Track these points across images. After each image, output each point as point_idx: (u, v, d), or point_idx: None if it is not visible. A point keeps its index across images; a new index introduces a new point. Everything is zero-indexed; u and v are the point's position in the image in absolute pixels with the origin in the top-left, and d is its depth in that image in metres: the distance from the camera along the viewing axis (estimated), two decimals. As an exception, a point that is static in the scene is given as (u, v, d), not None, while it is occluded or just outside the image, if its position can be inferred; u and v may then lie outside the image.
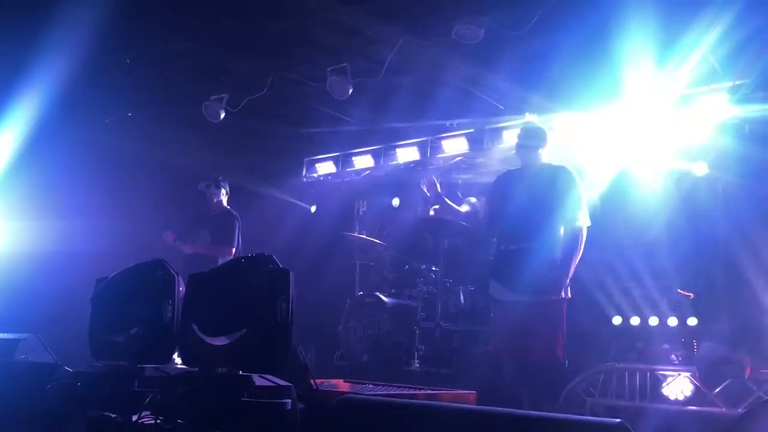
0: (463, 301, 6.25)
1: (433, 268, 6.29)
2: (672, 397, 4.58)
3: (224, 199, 6.54)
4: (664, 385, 4.65)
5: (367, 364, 6.09)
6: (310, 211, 8.49)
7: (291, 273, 2.37)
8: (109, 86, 6.56)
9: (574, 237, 4.20)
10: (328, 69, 6.14)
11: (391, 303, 6.29)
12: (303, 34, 5.81)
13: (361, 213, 7.95)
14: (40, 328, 4.30)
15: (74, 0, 5.18)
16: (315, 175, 8.38)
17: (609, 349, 5.47)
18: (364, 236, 6.85)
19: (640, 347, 5.33)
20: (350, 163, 8.06)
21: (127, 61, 6.39)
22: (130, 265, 2.92)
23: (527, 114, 6.29)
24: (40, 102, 6.09)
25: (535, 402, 4.06)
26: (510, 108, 6.68)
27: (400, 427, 1.97)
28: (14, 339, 4.00)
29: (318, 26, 5.69)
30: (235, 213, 6.47)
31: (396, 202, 7.79)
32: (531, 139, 4.45)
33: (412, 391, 3.28)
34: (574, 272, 4.28)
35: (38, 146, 6.40)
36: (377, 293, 6.51)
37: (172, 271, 2.73)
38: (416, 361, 5.96)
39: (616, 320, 5.57)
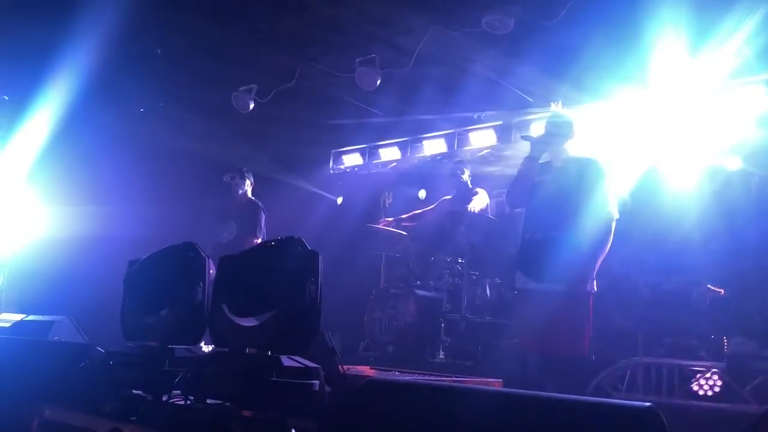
0: (489, 293, 6.23)
1: (459, 260, 6.28)
2: (701, 393, 4.50)
3: (249, 190, 6.60)
4: (693, 380, 4.58)
5: (391, 355, 6.11)
6: (336, 202, 8.52)
7: (320, 256, 2.38)
8: (141, 76, 6.64)
9: (601, 229, 4.16)
10: (357, 60, 6.15)
11: (416, 294, 6.30)
12: (332, 24, 5.82)
13: (387, 205, 7.95)
14: (72, 311, 4.38)
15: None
16: (342, 166, 8.41)
17: (637, 343, 5.40)
18: (389, 228, 6.86)
19: (668, 342, 5.25)
20: (377, 155, 8.07)
21: (158, 51, 6.47)
22: (162, 247, 2.96)
23: (552, 103, 6.25)
24: (74, 91, 6.19)
25: (560, 396, 4.03)
26: (538, 100, 6.62)
27: (427, 409, 1.97)
28: (48, 321, 4.09)
29: (347, 17, 5.69)
30: (260, 204, 6.53)
31: (422, 194, 7.79)
32: (558, 131, 4.40)
33: (437, 379, 3.28)
34: (603, 266, 4.24)
35: (72, 134, 6.52)
36: (403, 284, 6.52)
37: (203, 253, 2.76)
38: (441, 352, 5.96)
39: (645, 315, 5.50)
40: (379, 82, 6.15)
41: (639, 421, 1.61)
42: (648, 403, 1.62)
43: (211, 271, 2.76)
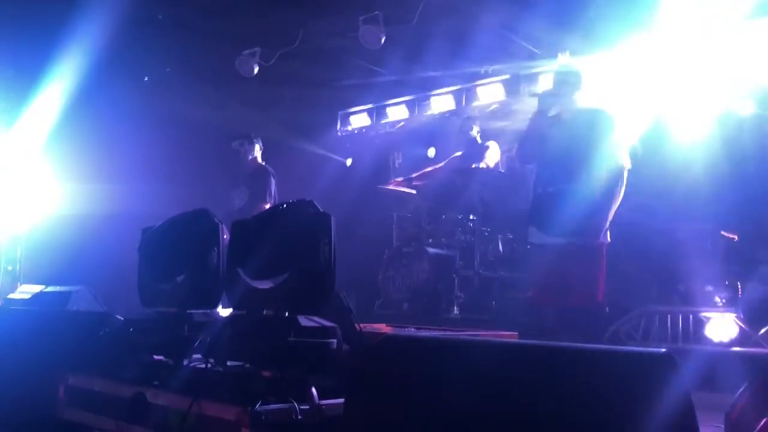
0: (501, 248, 6.25)
1: (471, 217, 6.28)
2: (716, 339, 4.53)
3: (258, 156, 6.57)
4: (707, 326, 4.61)
5: (406, 313, 6.17)
6: (345, 164, 8.50)
7: (332, 217, 2.39)
8: (143, 44, 6.59)
9: (613, 180, 4.13)
10: (360, 18, 6.06)
11: (429, 252, 6.32)
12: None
13: (396, 165, 7.93)
14: (90, 281, 4.44)
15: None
16: (349, 128, 8.36)
17: (650, 292, 5.41)
18: (399, 188, 6.84)
19: (682, 290, 5.26)
20: (384, 115, 8.01)
21: (159, 17, 6.40)
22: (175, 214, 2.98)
23: (560, 55, 6.15)
24: (81, 63, 6.15)
25: (575, 347, 4.06)
26: (546, 51, 6.52)
27: (444, 362, 2.00)
28: (67, 291, 4.15)
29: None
30: (269, 168, 6.51)
31: (432, 152, 7.74)
32: (566, 82, 4.34)
33: (453, 333, 3.32)
34: (615, 215, 4.22)
35: (81, 107, 6.50)
36: (415, 243, 6.55)
37: (216, 219, 2.77)
38: (455, 308, 6.01)
39: (657, 263, 5.50)
40: (383, 39, 6.07)
41: (655, 366, 1.62)
42: (663, 349, 1.63)
43: (225, 236, 2.78)
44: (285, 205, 2.57)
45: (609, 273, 4.27)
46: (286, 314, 2.37)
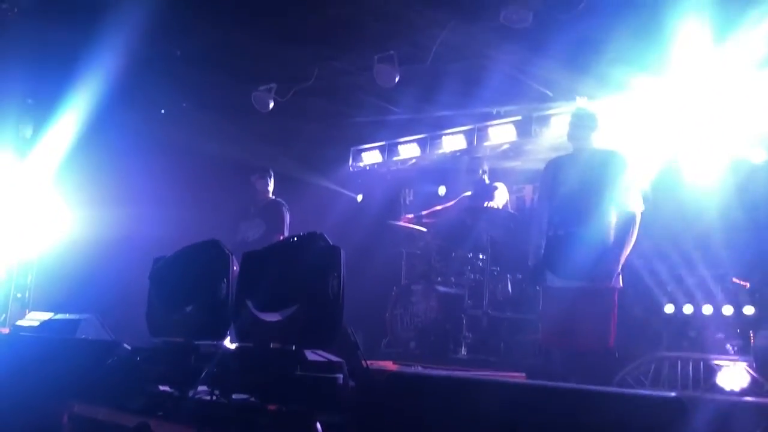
0: (510, 289, 6.21)
1: (480, 256, 6.27)
2: (727, 388, 4.45)
3: (270, 189, 6.65)
4: (718, 374, 4.53)
5: (413, 352, 6.11)
6: (356, 199, 8.54)
7: (342, 250, 2.40)
8: (162, 77, 6.71)
9: (626, 222, 4.13)
10: (375, 57, 6.15)
11: (437, 290, 6.29)
12: (350, 22, 5.83)
13: (407, 202, 7.96)
14: (99, 309, 4.45)
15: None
16: (361, 164, 8.42)
17: (661, 338, 5.36)
18: (409, 225, 6.85)
19: (693, 336, 5.21)
20: (396, 152, 8.08)
21: (178, 52, 6.54)
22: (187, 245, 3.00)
23: (578, 98, 6.21)
24: (98, 94, 6.28)
25: (584, 391, 4.01)
26: (559, 94, 6.59)
27: (450, 401, 1.98)
28: (75, 319, 4.16)
29: (365, 14, 5.70)
30: (283, 202, 6.57)
31: (442, 190, 7.77)
32: (582, 123, 4.38)
33: (460, 373, 3.29)
34: (627, 260, 4.21)
35: (96, 137, 6.61)
36: (424, 281, 6.52)
37: (226, 250, 2.79)
38: (463, 348, 5.95)
39: (669, 309, 5.45)
40: (397, 78, 6.15)
41: (664, 410, 1.61)
42: (673, 393, 1.62)
43: (235, 268, 2.79)
44: (296, 238, 2.59)
45: (620, 317, 4.23)
46: (293, 348, 2.37)
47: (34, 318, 4.50)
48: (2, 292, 6.70)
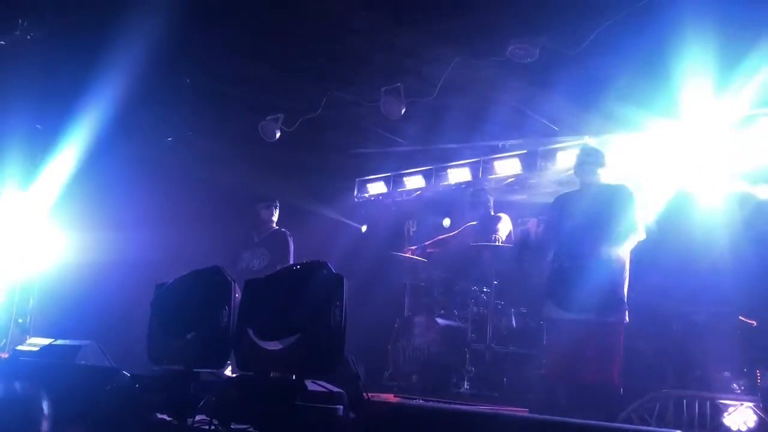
0: (514, 323, 6.15)
1: (484, 289, 6.23)
2: (734, 428, 4.37)
3: (275, 219, 6.68)
4: (725, 414, 4.45)
5: (416, 385, 6.04)
6: (360, 230, 8.54)
7: (344, 279, 2.39)
8: (169, 106, 6.78)
9: (628, 254, 4.13)
10: (382, 89, 6.21)
11: (440, 323, 6.24)
12: (358, 55, 5.90)
13: (411, 233, 7.95)
14: (99, 335, 4.43)
15: (135, 22, 5.41)
16: (366, 195, 8.44)
17: (666, 375, 5.28)
18: (412, 256, 6.84)
19: (699, 375, 5.12)
20: (401, 184, 8.10)
21: (187, 80, 6.61)
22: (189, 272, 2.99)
23: (586, 137, 6.26)
24: (103, 120, 6.34)
25: (588, 427, 3.95)
26: (564, 129, 6.62)
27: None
28: (75, 345, 4.13)
29: (373, 47, 5.77)
30: (287, 232, 6.58)
31: (447, 222, 7.77)
32: (589, 159, 4.43)
33: (462, 407, 3.24)
34: (632, 296, 4.19)
35: (102, 162, 6.65)
36: (427, 313, 6.48)
37: (228, 277, 2.78)
38: (466, 382, 5.88)
39: (674, 346, 5.38)
40: (404, 110, 6.20)
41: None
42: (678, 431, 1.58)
43: (237, 295, 2.77)
44: (298, 266, 2.58)
45: (625, 354, 4.19)
46: (294, 377, 2.34)
47: (34, 343, 4.47)
48: (3, 317, 6.68)
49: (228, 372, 2.76)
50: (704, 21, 4.66)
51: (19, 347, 4.59)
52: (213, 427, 2.50)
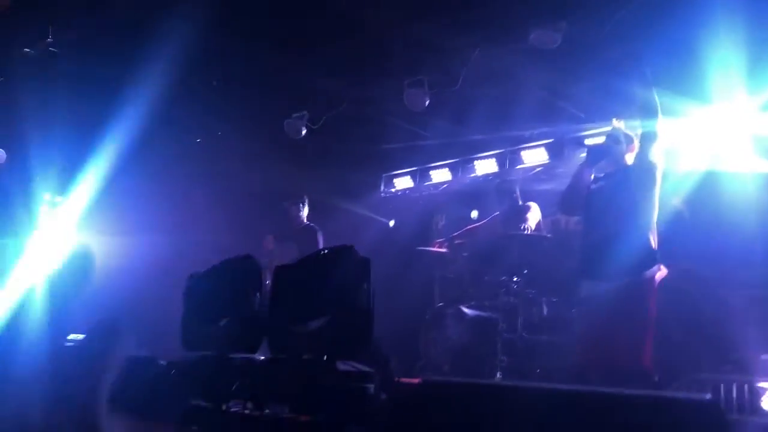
0: (546, 311, 6.12)
1: (514, 279, 6.20)
2: (772, 411, 4.30)
3: (304, 215, 6.74)
4: (763, 398, 4.39)
5: (448, 376, 6.04)
6: (388, 225, 8.57)
7: (371, 262, 2.42)
8: (199, 107, 6.90)
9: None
10: (405, 82, 6.23)
11: (471, 314, 6.23)
12: (380, 49, 5.94)
13: (439, 226, 7.95)
14: (135, 326, 4.53)
15: (163, 26, 5.52)
16: (393, 190, 8.47)
17: (701, 360, 5.20)
18: (441, 249, 6.84)
19: (735, 358, 5.04)
20: (428, 177, 8.11)
21: (214, 82, 6.72)
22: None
23: (614, 120, 6.18)
24: (133, 122, 6.47)
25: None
26: (591, 115, 6.56)
27: (481, 408, 1.96)
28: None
29: (395, 41, 5.80)
30: (317, 227, 6.65)
31: (475, 214, 7.75)
32: (617, 143, 4.40)
33: (496, 382, 3.25)
34: (664, 281, 4.16)
35: (133, 165, 6.79)
36: (457, 305, 6.47)
37: (259, 265, 2.84)
38: (498, 372, 5.86)
39: (708, 330, 5.30)
40: (427, 102, 6.21)
41: (700, 414, 1.57)
42: (708, 395, 1.58)
43: (267, 282, 2.83)
44: (326, 251, 2.62)
45: (658, 339, 4.15)
46: (325, 358, 2.38)
47: (71, 339, 4.59)
48: (40, 318, 6.85)
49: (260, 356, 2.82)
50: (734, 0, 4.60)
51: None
52: (247, 411, 2.56)
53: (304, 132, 7.00)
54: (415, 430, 2.11)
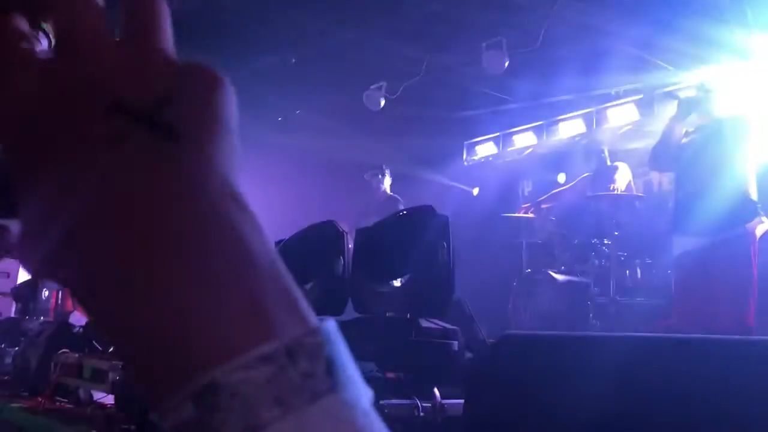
0: (639, 274, 5.92)
1: (605, 241, 6.01)
2: None
3: (388, 186, 6.77)
4: None
5: (538, 341, 5.96)
6: (472, 193, 8.49)
7: (449, 219, 2.41)
8: (277, 86, 7.04)
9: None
10: (483, 44, 6.11)
11: (561, 279, 6.10)
12: (456, 13, 5.84)
13: (526, 192, 7.80)
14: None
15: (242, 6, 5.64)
16: (475, 157, 8.37)
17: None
18: (528, 215, 6.71)
19: None
20: (511, 143, 7.95)
21: (293, 60, 6.83)
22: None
23: (703, 73, 5.85)
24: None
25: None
26: (680, 68, 6.22)
27: (568, 359, 1.92)
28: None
29: (470, 4, 5.69)
30: (399, 198, 6.67)
31: (562, 177, 7.55)
32: (706, 94, 4.18)
33: (590, 334, 3.18)
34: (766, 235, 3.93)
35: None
36: (546, 270, 6.35)
37: (341, 229, 2.88)
38: (591, 336, 5.74)
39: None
40: (507, 63, 6.07)
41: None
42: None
43: (350, 246, 2.87)
44: (405, 211, 2.63)
45: (764, 301, 3.93)
46: (408, 316, 2.40)
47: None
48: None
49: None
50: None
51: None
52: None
53: (383, 103, 7.01)
54: (498, 379, 2.09)
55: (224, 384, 0.27)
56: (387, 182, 6.76)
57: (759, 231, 3.88)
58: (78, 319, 4.34)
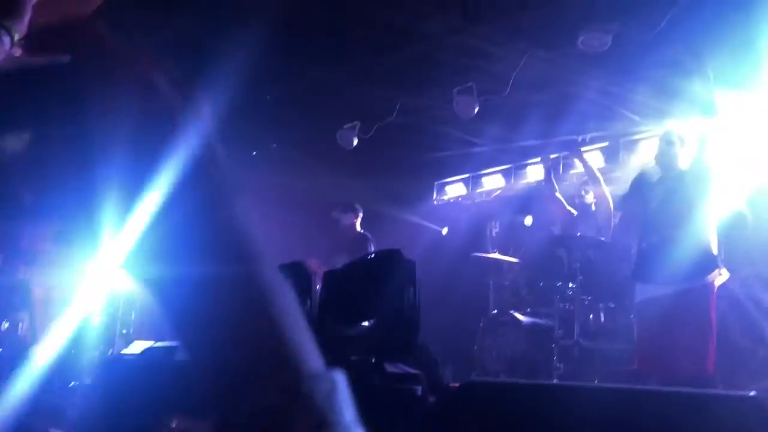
0: (603, 318, 6.01)
1: (570, 285, 6.11)
2: None
3: (357, 223, 6.81)
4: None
5: (503, 383, 5.99)
6: (441, 233, 8.58)
7: (416, 264, 2.46)
8: (253, 122, 7.08)
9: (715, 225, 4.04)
10: (454, 90, 6.26)
11: (526, 321, 6.17)
12: (429, 58, 5.98)
13: (493, 233, 7.91)
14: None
15: (220, 45, 5.69)
16: (445, 197, 8.49)
17: (766, 370, 5.01)
18: (496, 255, 6.81)
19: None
20: (480, 184, 8.09)
21: (268, 97, 6.90)
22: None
23: (667, 122, 6.06)
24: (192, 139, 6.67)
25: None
26: (646, 118, 6.44)
27: (528, 408, 1.97)
28: (173, 346, 4.39)
29: (444, 50, 5.84)
30: (369, 236, 6.71)
31: (528, 220, 7.68)
32: (671, 145, 4.33)
33: (546, 383, 3.23)
34: (727, 288, 4.06)
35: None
36: (512, 312, 6.42)
37: (309, 271, 2.91)
38: (555, 380, 5.78)
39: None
40: (477, 109, 6.22)
41: (743, 410, 1.55)
42: (753, 392, 1.56)
43: (317, 287, 2.90)
44: (373, 255, 2.67)
45: (722, 348, 4.04)
46: (373, 360, 2.42)
47: (137, 347, 4.79)
48: (109, 328, 7.11)
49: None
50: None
51: (124, 351, 4.92)
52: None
53: (356, 142, 7.10)
54: (459, 423, 2.12)
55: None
56: (356, 219, 6.81)
57: (717, 282, 4.01)
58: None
